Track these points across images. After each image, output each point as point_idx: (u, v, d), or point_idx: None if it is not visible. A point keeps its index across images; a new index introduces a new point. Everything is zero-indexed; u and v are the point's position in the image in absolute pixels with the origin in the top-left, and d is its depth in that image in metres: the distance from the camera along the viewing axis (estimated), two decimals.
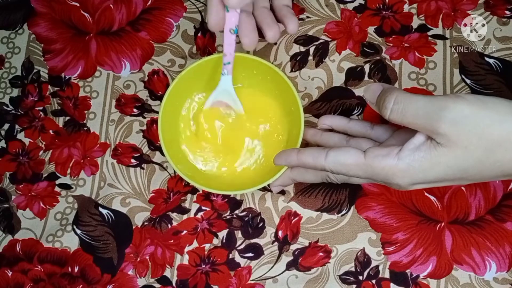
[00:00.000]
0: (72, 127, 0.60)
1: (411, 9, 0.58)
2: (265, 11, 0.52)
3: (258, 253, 0.54)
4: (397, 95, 0.41)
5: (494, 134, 0.38)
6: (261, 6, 0.52)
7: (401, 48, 0.57)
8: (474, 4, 0.57)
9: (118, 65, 0.61)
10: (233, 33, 0.50)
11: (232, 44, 0.50)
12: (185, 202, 0.56)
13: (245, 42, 0.51)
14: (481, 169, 0.40)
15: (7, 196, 0.60)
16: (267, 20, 0.51)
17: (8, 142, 0.61)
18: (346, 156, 0.43)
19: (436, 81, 0.56)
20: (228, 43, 0.50)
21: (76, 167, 0.59)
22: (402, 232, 0.53)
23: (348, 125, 0.52)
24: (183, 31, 0.61)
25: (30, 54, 0.63)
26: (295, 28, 0.52)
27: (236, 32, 0.50)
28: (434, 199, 0.53)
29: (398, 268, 0.52)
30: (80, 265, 0.57)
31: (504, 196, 0.52)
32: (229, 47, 0.51)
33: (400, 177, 0.41)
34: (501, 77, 0.55)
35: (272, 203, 0.55)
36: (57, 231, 0.58)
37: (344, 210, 0.54)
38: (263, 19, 0.51)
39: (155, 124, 0.58)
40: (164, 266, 0.55)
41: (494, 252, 0.51)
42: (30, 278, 0.57)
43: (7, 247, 0.58)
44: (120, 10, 0.63)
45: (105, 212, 0.57)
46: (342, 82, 0.57)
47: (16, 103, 0.62)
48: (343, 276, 0.53)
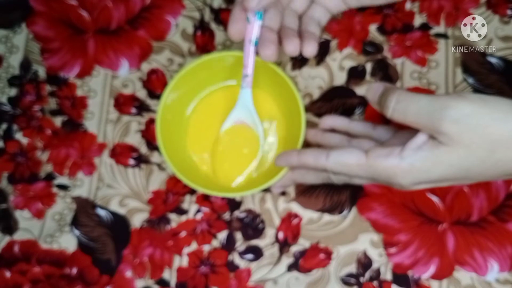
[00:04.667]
0: (70, 127, 0.60)
1: (413, 7, 0.57)
2: (290, 30, 0.52)
3: (258, 254, 0.54)
4: (399, 94, 0.41)
5: (496, 133, 0.38)
6: (287, 26, 0.52)
7: (403, 46, 0.57)
8: (476, 3, 0.56)
9: (116, 64, 0.61)
10: (253, 44, 0.50)
11: (250, 56, 0.51)
12: (184, 203, 0.56)
13: (263, 54, 0.50)
14: (484, 168, 0.40)
15: (5, 196, 0.59)
16: (289, 35, 0.51)
17: (6, 142, 0.61)
18: (347, 156, 0.43)
19: (438, 80, 0.55)
20: (247, 54, 0.51)
21: (74, 167, 0.59)
22: (404, 233, 0.52)
23: (350, 126, 0.52)
24: (182, 29, 0.61)
25: (28, 53, 0.63)
26: (312, 53, 0.51)
27: (256, 44, 0.50)
28: (436, 199, 0.53)
29: (400, 269, 0.52)
30: (79, 266, 0.56)
31: (507, 196, 0.52)
32: (247, 59, 0.51)
33: (402, 177, 0.41)
34: (503, 77, 0.54)
35: (272, 204, 0.55)
36: (55, 232, 0.57)
37: (346, 211, 0.54)
38: (285, 34, 0.51)
39: (154, 124, 0.58)
40: (163, 267, 0.55)
41: (496, 253, 0.51)
42: (29, 279, 0.57)
43: (5, 248, 0.58)
44: (119, 9, 0.62)
45: (103, 213, 0.57)
46: (344, 81, 0.57)
47: (14, 103, 0.62)
48: (344, 278, 0.52)
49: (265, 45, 0.50)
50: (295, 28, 0.53)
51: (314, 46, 0.51)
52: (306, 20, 0.54)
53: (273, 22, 0.51)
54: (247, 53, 0.51)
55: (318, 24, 0.54)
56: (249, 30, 0.50)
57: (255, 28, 0.50)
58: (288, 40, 0.50)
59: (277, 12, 0.52)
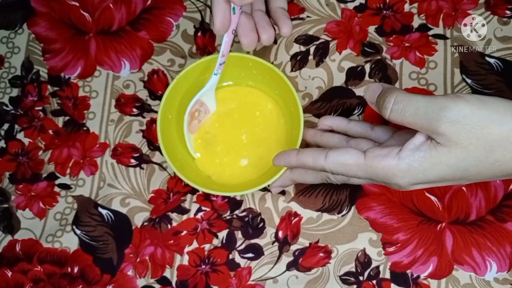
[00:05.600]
0: (72, 127, 0.60)
1: (412, 8, 0.58)
2: (261, 14, 0.52)
3: (258, 253, 0.54)
4: (397, 95, 0.41)
5: (494, 134, 0.38)
6: (257, 9, 0.52)
7: (401, 47, 0.57)
8: (474, 4, 0.57)
9: (117, 64, 0.61)
10: (233, 33, 0.50)
11: (230, 44, 0.51)
12: (185, 203, 0.56)
13: (244, 42, 0.51)
14: (481, 168, 0.40)
15: (6, 196, 0.60)
16: (262, 23, 0.51)
17: (7, 142, 0.61)
18: (346, 156, 0.43)
19: (436, 81, 0.56)
20: (229, 44, 0.51)
21: (75, 167, 0.59)
22: (402, 233, 0.53)
23: (348, 126, 0.52)
24: (183, 30, 0.61)
25: (29, 54, 0.63)
26: (289, 32, 0.51)
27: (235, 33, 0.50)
28: (435, 199, 0.53)
29: (399, 268, 0.52)
30: (80, 265, 0.56)
31: (505, 196, 0.52)
32: (228, 48, 0.51)
33: (400, 177, 0.41)
34: (502, 77, 0.55)
35: (272, 204, 0.55)
36: (57, 231, 0.58)
37: (345, 210, 0.54)
38: (258, 22, 0.51)
39: (155, 124, 0.58)
40: (164, 266, 0.55)
41: (495, 252, 0.51)
42: (30, 278, 0.57)
43: (6, 247, 0.58)
44: (120, 10, 0.62)
45: (105, 212, 0.57)
46: (343, 82, 0.57)
47: (16, 103, 0.62)
48: (343, 277, 0.53)
49: (245, 33, 0.50)
50: (264, 9, 0.52)
51: (289, 25, 0.51)
52: None
53: (247, 7, 0.52)
54: (228, 43, 0.51)
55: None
56: (233, 20, 0.50)
57: (238, 17, 0.50)
58: (263, 30, 0.51)
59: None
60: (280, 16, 0.51)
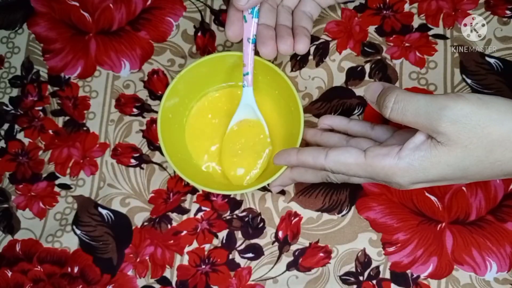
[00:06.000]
0: (72, 127, 0.60)
1: (412, 8, 0.58)
2: (284, 27, 0.53)
3: (258, 253, 0.54)
4: (398, 94, 0.41)
5: (494, 133, 0.38)
6: (281, 23, 0.53)
7: (401, 47, 0.57)
8: (474, 4, 0.57)
9: (117, 64, 0.61)
10: (251, 42, 0.51)
11: (250, 54, 0.51)
12: (185, 203, 0.56)
13: (263, 51, 0.51)
14: (481, 168, 0.40)
15: (6, 196, 0.60)
16: (283, 33, 0.52)
17: (7, 142, 0.61)
18: (346, 155, 0.43)
19: (436, 80, 0.56)
20: (246, 53, 0.51)
21: (75, 167, 0.59)
22: (402, 233, 0.53)
23: (348, 125, 0.52)
24: (182, 30, 0.61)
25: (29, 54, 0.63)
26: (303, 49, 0.52)
27: (254, 42, 0.51)
28: (435, 199, 0.53)
29: (399, 268, 0.52)
30: (80, 265, 0.56)
31: (505, 196, 0.52)
32: (247, 58, 0.52)
33: (401, 176, 0.41)
34: (502, 77, 0.55)
35: (272, 203, 0.55)
36: (57, 231, 0.58)
37: (345, 210, 0.54)
38: (279, 33, 0.52)
39: (155, 124, 0.58)
40: (164, 266, 0.55)
41: (495, 252, 0.51)
42: (30, 278, 0.57)
43: (6, 247, 0.58)
44: (120, 10, 0.62)
45: (105, 212, 0.57)
46: (343, 82, 0.57)
47: (16, 103, 0.62)
48: (343, 277, 0.53)
49: (263, 42, 0.51)
50: (289, 25, 0.53)
51: (306, 43, 0.52)
52: (298, 14, 0.54)
53: (269, 19, 0.52)
54: (246, 52, 0.52)
55: (310, 18, 0.55)
56: (246, 29, 0.51)
57: (253, 26, 0.51)
58: (281, 40, 0.51)
59: (271, 8, 0.53)
60: (299, 33, 0.52)
